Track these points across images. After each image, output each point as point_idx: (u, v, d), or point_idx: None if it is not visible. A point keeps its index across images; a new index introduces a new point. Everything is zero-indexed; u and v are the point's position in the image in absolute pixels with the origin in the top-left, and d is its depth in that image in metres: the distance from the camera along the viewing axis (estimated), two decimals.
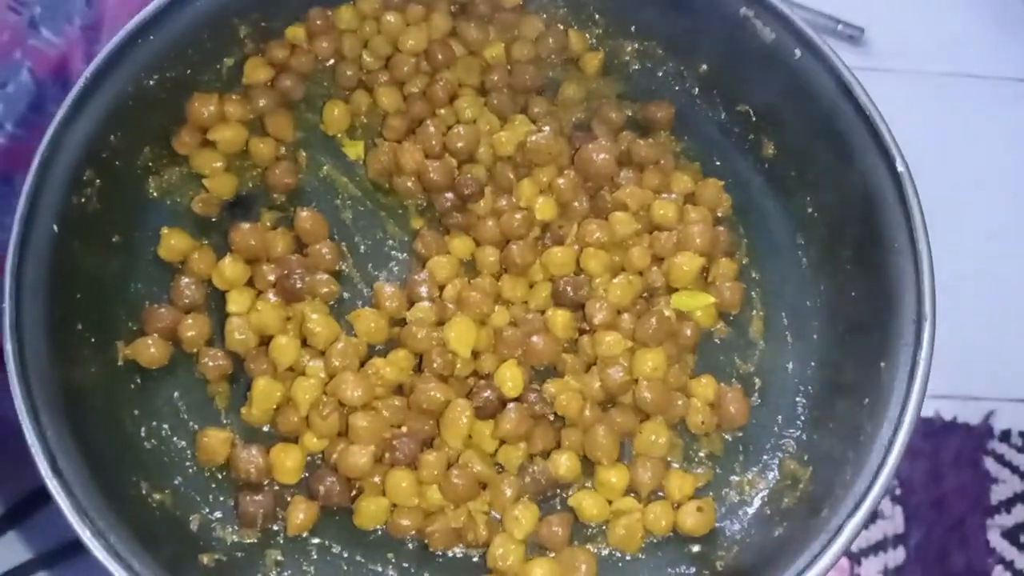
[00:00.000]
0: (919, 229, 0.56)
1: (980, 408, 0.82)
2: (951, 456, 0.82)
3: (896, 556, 0.76)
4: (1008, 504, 0.83)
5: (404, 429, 0.58)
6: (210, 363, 0.59)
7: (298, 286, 0.60)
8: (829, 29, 0.88)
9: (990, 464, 0.83)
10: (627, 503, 0.57)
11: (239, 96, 0.65)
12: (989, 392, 0.83)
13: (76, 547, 0.51)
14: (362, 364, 0.59)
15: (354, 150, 0.66)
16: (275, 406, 0.58)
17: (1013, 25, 0.92)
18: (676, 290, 0.62)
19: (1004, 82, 0.91)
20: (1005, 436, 0.84)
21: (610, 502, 0.57)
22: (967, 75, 0.90)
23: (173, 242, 0.61)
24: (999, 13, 0.92)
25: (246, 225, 0.62)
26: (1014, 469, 0.83)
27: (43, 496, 0.51)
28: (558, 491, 0.58)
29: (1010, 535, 0.81)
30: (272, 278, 0.61)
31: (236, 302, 0.60)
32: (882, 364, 0.55)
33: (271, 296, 0.60)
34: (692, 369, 0.61)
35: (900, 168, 0.57)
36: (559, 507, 0.58)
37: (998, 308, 0.82)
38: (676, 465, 0.59)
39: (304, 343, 0.60)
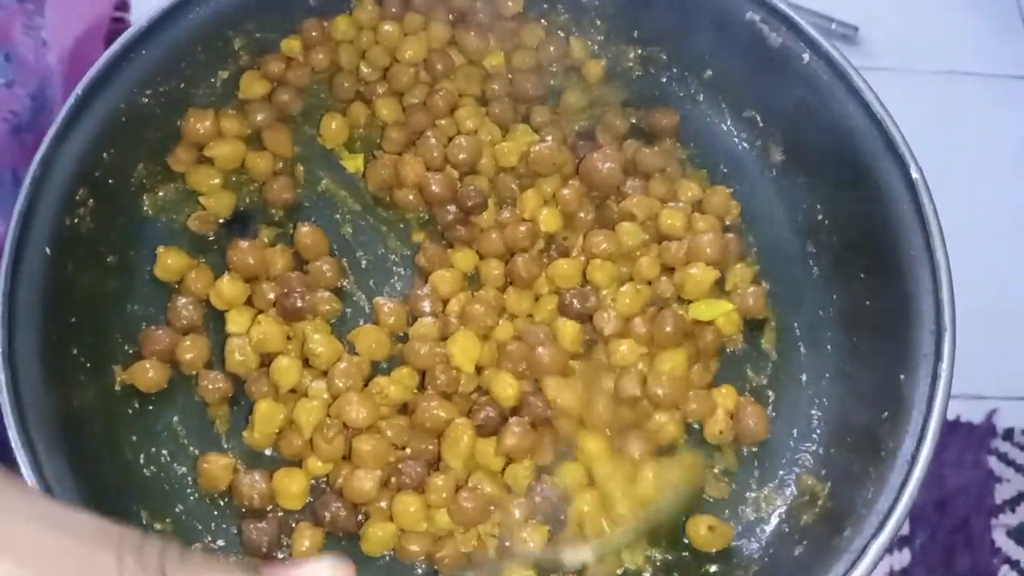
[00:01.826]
0: (936, 237, 0.55)
1: (982, 407, 0.82)
2: (954, 456, 0.82)
3: (902, 558, 0.76)
4: (1012, 503, 0.83)
5: (408, 451, 0.57)
6: (210, 386, 0.58)
7: (299, 304, 0.59)
8: (823, 28, 0.87)
9: (994, 463, 0.83)
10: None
11: (235, 111, 0.64)
12: (991, 391, 0.83)
13: None
14: (366, 383, 0.58)
15: (353, 163, 0.65)
16: (278, 429, 0.57)
17: (1005, 22, 0.92)
18: (688, 301, 0.61)
19: (997, 79, 0.91)
20: (1008, 434, 0.84)
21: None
22: (961, 73, 0.90)
23: (169, 261, 0.60)
24: (991, 10, 0.92)
25: (244, 242, 0.60)
26: (1018, 468, 0.83)
27: None
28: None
29: (1015, 534, 0.81)
30: (272, 296, 0.59)
31: (235, 322, 0.59)
32: (901, 376, 0.54)
33: (271, 315, 0.59)
34: (713, 376, 0.60)
35: (915, 175, 0.56)
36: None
37: (999, 306, 0.82)
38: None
39: (306, 363, 0.58)
